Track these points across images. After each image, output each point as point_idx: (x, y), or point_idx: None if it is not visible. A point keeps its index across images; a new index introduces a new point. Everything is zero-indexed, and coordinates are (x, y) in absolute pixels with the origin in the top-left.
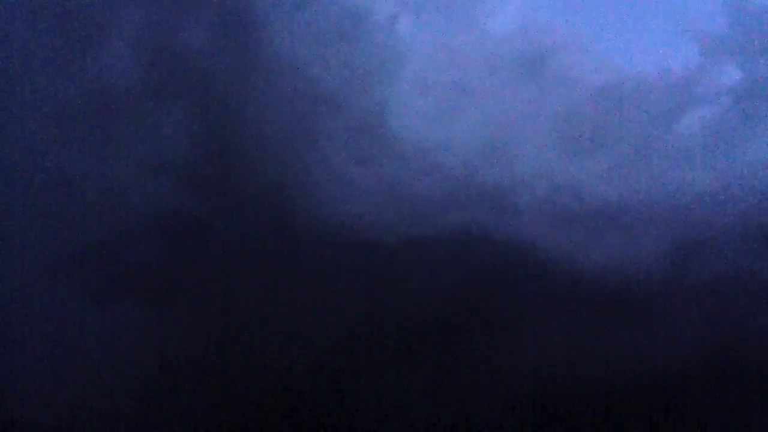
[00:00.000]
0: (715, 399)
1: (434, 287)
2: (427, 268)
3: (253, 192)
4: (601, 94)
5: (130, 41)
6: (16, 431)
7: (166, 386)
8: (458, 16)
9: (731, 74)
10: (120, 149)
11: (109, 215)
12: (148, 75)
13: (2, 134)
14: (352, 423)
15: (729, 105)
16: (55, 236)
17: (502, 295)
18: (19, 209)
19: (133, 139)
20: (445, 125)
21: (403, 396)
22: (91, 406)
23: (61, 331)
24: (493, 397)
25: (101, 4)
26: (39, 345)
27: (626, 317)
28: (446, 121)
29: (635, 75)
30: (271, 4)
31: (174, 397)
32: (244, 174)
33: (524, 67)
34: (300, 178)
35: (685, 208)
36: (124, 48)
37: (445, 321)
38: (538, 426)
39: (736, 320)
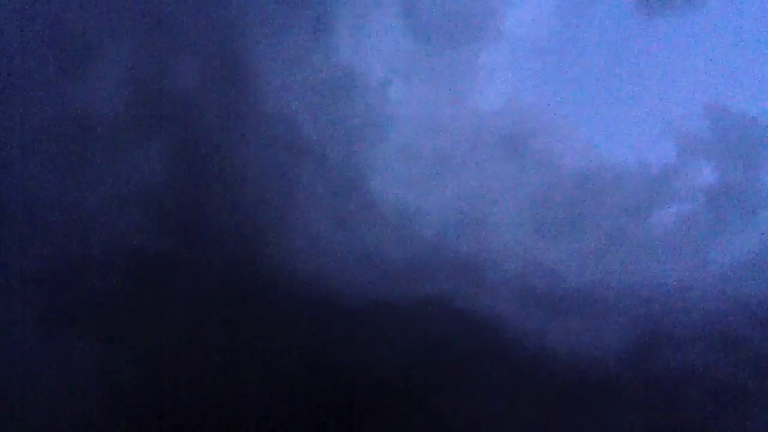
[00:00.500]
0: None
1: (396, 353)
2: (391, 333)
3: (223, 236)
4: (579, 179)
5: (118, 72)
6: None
7: (109, 421)
8: (447, 89)
9: (706, 175)
10: (93, 177)
11: (72, 242)
12: (132, 107)
13: None
14: None
15: (702, 204)
16: (14, 257)
17: (464, 368)
18: None
19: (109, 169)
20: (424, 193)
21: None
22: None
23: (5, 355)
24: None
25: (93, 33)
26: None
27: (584, 402)
28: (425, 189)
29: (614, 164)
30: (266, 52)
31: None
32: (216, 217)
33: (506, 145)
34: (273, 229)
35: (652, 300)
36: (111, 78)
37: (403, 388)
38: None
39: (689, 416)
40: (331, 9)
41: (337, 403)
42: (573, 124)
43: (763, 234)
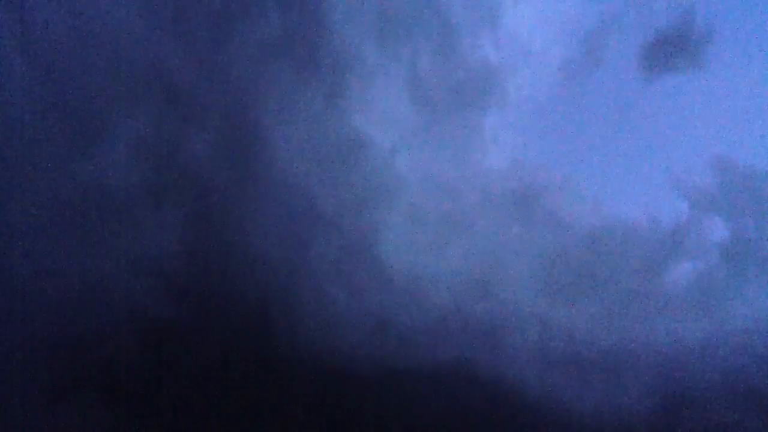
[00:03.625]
0: None
1: (414, 423)
2: (409, 403)
3: (236, 306)
4: (590, 238)
5: (132, 144)
6: None
7: None
8: (453, 152)
9: (719, 230)
10: (109, 248)
11: (84, 311)
12: (146, 179)
13: None
14: None
15: (716, 261)
16: (25, 326)
17: None
18: None
19: (124, 239)
20: (435, 257)
21: None
22: None
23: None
24: None
25: (107, 106)
26: None
27: None
28: (436, 252)
29: (624, 222)
30: (276, 120)
31: None
32: (229, 287)
33: (514, 205)
34: (287, 299)
35: (672, 359)
36: (126, 150)
37: None
38: None
39: None
40: (340, 79)
41: None
42: (580, 181)
43: None
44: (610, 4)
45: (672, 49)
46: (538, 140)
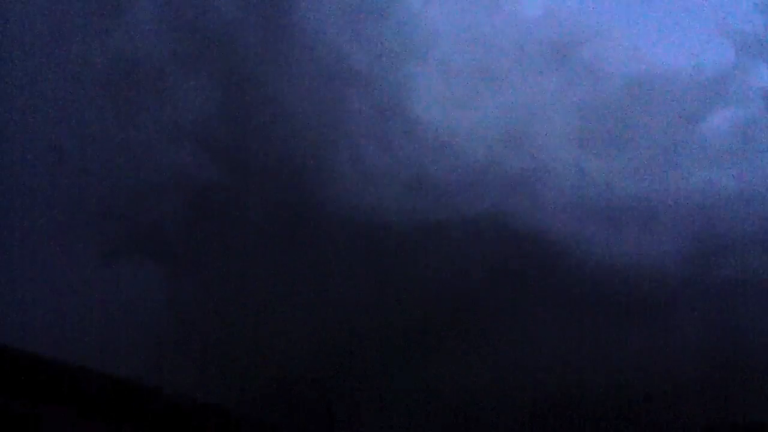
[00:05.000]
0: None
1: (449, 274)
2: (443, 255)
3: (272, 165)
4: (629, 86)
5: (160, 10)
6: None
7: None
8: (486, 1)
9: (765, 77)
10: (143, 115)
11: (128, 177)
12: (175, 44)
13: (30, 91)
14: (357, 407)
15: (760, 108)
16: (75, 194)
17: (520, 285)
18: (41, 167)
19: (157, 105)
20: (469, 110)
21: (411, 378)
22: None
23: (74, 286)
24: (501, 388)
25: None
26: (52, 298)
27: (643, 314)
28: (470, 106)
29: (665, 69)
30: None
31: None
32: (265, 147)
33: (551, 55)
34: (321, 157)
35: (708, 208)
36: (153, 16)
37: (457, 308)
38: (542, 420)
39: (749, 323)
40: None
41: (393, 325)
42: (620, 27)
43: None
44: None
45: None
46: None
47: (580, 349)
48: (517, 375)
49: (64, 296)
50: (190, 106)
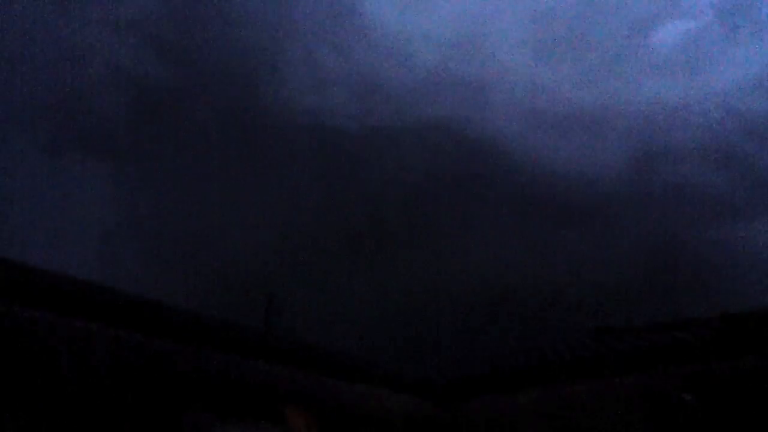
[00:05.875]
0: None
1: (396, 178)
2: (394, 159)
3: (222, 65)
4: None
5: None
6: None
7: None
8: None
9: None
10: (86, 9)
11: (72, 71)
12: None
13: None
14: (304, 308)
15: (710, 19)
16: (16, 88)
17: (468, 190)
18: None
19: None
20: (423, 15)
21: (361, 278)
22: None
23: (17, 184)
24: (441, 291)
25: None
26: None
27: (584, 218)
28: (424, 11)
29: None
30: None
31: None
32: (214, 45)
33: None
34: (271, 57)
35: (653, 117)
36: None
37: (406, 211)
38: (485, 319)
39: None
40: None
41: (343, 227)
42: None
43: None
44: None
45: None
46: None
47: (523, 250)
48: (456, 276)
49: (6, 190)
50: (136, 3)
